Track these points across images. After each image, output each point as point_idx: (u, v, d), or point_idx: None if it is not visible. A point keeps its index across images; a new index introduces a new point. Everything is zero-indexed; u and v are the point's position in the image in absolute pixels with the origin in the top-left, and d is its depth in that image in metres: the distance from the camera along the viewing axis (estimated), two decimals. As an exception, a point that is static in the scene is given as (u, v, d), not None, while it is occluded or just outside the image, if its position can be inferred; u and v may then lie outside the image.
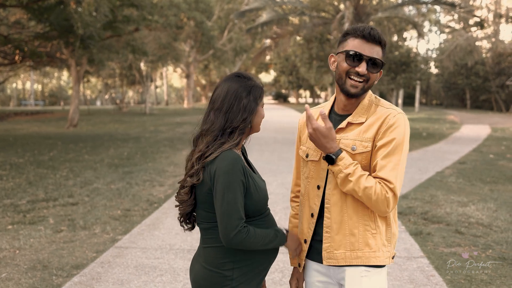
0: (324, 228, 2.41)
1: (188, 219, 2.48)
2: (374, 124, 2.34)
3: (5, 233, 6.71)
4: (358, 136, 2.33)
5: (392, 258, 2.43)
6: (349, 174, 2.25)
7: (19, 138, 20.06)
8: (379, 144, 2.29)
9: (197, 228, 2.50)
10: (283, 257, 5.68)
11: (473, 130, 26.84)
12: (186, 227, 2.51)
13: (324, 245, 2.41)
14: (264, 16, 21.71)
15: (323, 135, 2.26)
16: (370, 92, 2.45)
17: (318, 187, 2.44)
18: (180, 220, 2.49)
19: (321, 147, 2.29)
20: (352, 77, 2.33)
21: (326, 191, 2.41)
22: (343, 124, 2.39)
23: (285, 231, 2.44)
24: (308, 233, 2.48)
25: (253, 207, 2.29)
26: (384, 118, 2.33)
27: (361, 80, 2.33)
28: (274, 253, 2.43)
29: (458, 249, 6.05)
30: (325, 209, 2.41)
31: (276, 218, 7.41)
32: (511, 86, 42.94)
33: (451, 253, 5.90)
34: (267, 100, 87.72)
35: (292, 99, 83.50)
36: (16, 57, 28.31)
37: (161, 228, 6.90)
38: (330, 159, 2.27)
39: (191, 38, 40.66)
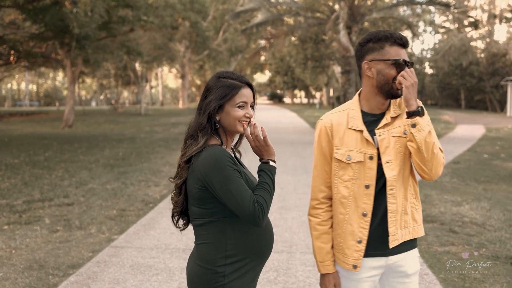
0: (389, 214, 2.50)
1: (181, 218, 2.50)
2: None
3: (1, 233, 6.73)
4: (403, 124, 2.53)
5: None
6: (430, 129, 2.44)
7: (14, 139, 20.04)
8: None
9: (188, 227, 2.52)
10: (278, 256, 5.72)
11: (468, 130, 26.94)
12: (181, 227, 2.53)
13: (390, 230, 2.50)
14: (259, 17, 21.74)
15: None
16: None
17: (367, 186, 2.50)
18: (173, 220, 2.51)
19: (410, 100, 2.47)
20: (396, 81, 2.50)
21: (388, 180, 2.48)
22: (388, 119, 2.54)
23: (273, 164, 2.41)
24: (362, 233, 2.52)
25: None
26: None
27: None
28: (267, 249, 2.43)
29: (452, 248, 6.11)
30: (389, 196, 2.49)
31: (271, 218, 7.45)
32: (505, 86, 43.12)
33: (445, 252, 5.95)
34: (262, 100, 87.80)
35: (287, 100, 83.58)
36: (11, 58, 28.28)
37: (156, 228, 6.93)
38: (417, 112, 2.43)
39: (186, 39, 40.70)
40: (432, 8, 36.43)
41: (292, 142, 19.08)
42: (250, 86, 2.43)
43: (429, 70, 59.77)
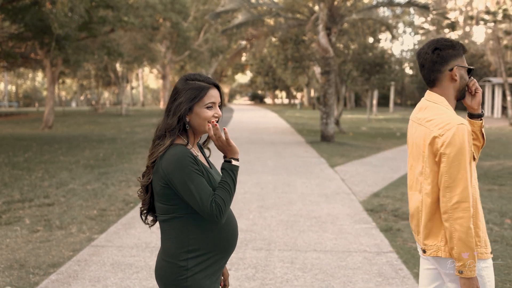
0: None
1: (149, 215, 2.62)
2: None
3: (-20, 233, 6.74)
4: None
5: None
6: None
7: (-7, 140, 19.87)
8: None
9: None
10: (256, 253, 5.84)
11: (446, 130, 27.27)
12: (149, 224, 2.63)
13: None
14: (240, 17, 21.80)
15: None
16: None
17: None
18: (141, 217, 2.62)
19: None
20: None
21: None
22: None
23: (235, 163, 2.49)
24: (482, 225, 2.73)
25: None
26: None
27: None
28: (230, 244, 2.53)
29: (426, 244, 6.27)
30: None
31: (250, 216, 7.56)
32: (483, 87, 43.76)
33: (419, 248, 6.11)
34: (243, 101, 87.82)
35: (268, 100, 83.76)
36: (-10, 58, 27.99)
37: (137, 227, 7.00)
38: (483, 114, 2.97)
39: (167, 39, 40.62)
40: (411, 9, 36.83)
41: (273, 142, 19.21)
42: (217, 86, 2.52)
43: (409, 71, 60.38)
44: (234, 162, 2.47)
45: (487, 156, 15.48)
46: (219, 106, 2.52)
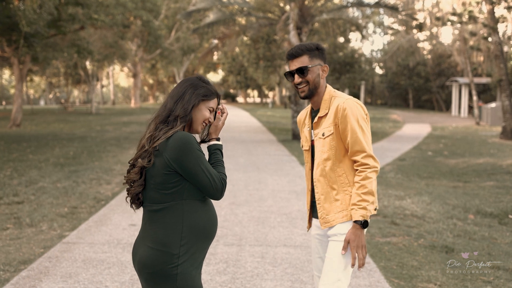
0: (316, 200, 3.11)
1: (137, 199, 2.66)
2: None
3: (-51, 231, 6.67)
4: None
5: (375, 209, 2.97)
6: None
7: (-41, 138, 19.52)
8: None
9: (140, 223, 2.72)
10: (228, 249, 5.92)
11: (415, 128, 27.82)
12: (135, 208, 2.69)
13: (318, 214, 3.10)
14: (211, 16, 21.85)
15: None
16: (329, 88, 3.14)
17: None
18: (130, 201, 2.68)
19: None
20: None
21: (313, 173, 3.14)
22: None
23: (220, 142, 2.80)
24: (308, 202, 3.26)
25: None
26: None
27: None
28: (213, 230, 2.66)
29: (392, 238, 6.45)
30: (314, 186, 3.13)
31: (222, 213, 7.64)
32: (450, 87, 44.58)
33: (386, 242, 6.27)
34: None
35: (240, 99, 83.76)
36: (-45, 55, 27.42)
37: (108, 224, 7.01)
38: (365, 224, 2.93)
39: (138, 37, 40.37)
40: (381, 10, 37.33)
41: (244, 141, 19.31)
42: (219, 97, 2.79)
43: (379, 71, 61.14)
44: (219, 142, 2.79)
45: (453, 154, 15.85)
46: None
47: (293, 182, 10.50)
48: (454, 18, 23.76)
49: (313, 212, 3.24)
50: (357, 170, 2.95)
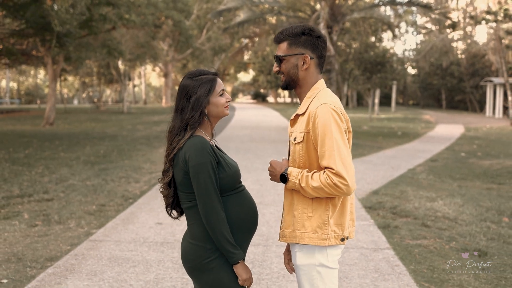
0: (283, 209, 2.83)
1: (173, 208, 2.78)
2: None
3: (-21, 227, 6.76)
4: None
5: (342, 240, 2.68)
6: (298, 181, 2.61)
7: (-6, 136, 19.91)
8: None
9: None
10: (254, 249, 5.84)
11: (447, 129, 27.32)
12: (173, 216, 2.82)
13: (281, 224, 2.82)
14: (241, 16, 21.85)
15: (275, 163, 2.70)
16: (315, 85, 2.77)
17: None
18: (167, 211, 2.80)
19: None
20: None
21: None
22: None
23: (241, 256, 2.62)
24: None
25: (225, 181, 2.60)
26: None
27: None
28: (251, 224, 2.70)
29: (423, 241, 6.28)
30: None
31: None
32: (484, 87, 43.71)
33: (416, 245, 6.11)
34: (246, 99, 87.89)
35: (270, 99, 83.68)
36: (-8, 55, 28.02)
37: (135, 222, 7.01)
38: (283, 178, 2.67)
39: (169, 37, 40.63)
40: (414, 8, 36.82)
41: (274, 140, 19.21)
42: (218, 74, 2.75)
43: (411, 71, 60.30)
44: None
45: (487, 155, 15.48)
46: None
47: (322, 182, 10.36)
48: (489, 17, 23.24)
49: None
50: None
